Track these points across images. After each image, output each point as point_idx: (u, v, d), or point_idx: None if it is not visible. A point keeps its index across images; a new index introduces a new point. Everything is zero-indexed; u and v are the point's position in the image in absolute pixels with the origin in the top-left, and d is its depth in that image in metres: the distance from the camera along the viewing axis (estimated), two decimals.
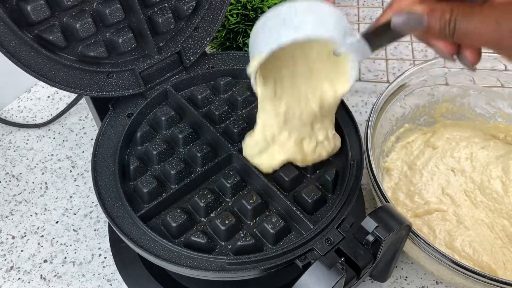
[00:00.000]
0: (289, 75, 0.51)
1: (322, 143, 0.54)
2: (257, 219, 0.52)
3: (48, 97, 0.84)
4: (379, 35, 0.43)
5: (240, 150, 0.55)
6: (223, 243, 0.51)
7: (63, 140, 0.78)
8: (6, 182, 0.74)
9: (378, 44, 0.45)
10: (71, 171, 0.75)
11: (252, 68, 0.47)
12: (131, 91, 0.59)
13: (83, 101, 0.81)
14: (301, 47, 0.49)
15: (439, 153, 0.70)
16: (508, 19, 0.34)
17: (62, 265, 0.65)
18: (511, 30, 0.34)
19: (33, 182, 0.73)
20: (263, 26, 0.46)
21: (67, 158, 0.76)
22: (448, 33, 0.36)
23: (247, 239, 0.49)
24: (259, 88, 0.49)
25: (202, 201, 0.52)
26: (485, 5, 0.35)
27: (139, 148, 0.58)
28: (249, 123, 0.59)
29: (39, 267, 0.65)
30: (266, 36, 0.45)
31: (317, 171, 0.56)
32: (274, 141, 0.53)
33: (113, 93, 0.58)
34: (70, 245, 0.67)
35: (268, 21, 0.45)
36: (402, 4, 0.38)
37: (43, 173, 0.74)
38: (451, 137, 0.72)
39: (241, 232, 0.52)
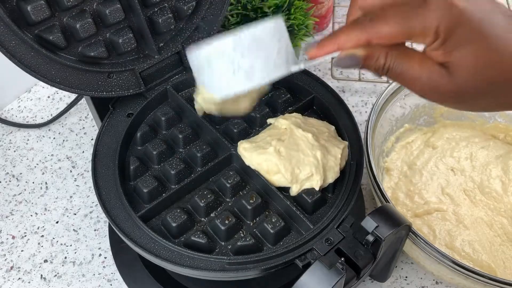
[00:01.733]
0: None
1: (334, 168, 0.54)
2: (257, 219, 0.52)
3: (48, 97, 0.84)
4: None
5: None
6: (223, 243, 0.51)
7: (63, 140, 0.78)
8: (6, 182, 0.74)
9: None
10: (71, 171, 0.75)
11: (204, 105, 0.52)
12: (131, 91, 0.59)
13: (83, 101, 0.81)
14: None
15: (439, 153, 0.70)
16: (428, 77, 0.38)
17: (62, 265, 0.65)
18: (429, 87, 0.39)
19: (33, 182, 0.74)
20: (208, 63, 0.45)
21: (67, 158, 0.76)
22: (381, 73, 0.40)
23: (247, 239, 0.49)
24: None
25: (202, 201, 0.52)
26: (417, 55, 0.39)
27: (139, 148, 0.58)
28: (249, 123, 0.59)
29: (39, 267, 0.65)
30: (215, 78, 0.45)
31: None
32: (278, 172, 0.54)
33: (113, 93, 0.58)
34: (70, 245, 0.67)
35: (213, 60, 0.44)
36: (345, 44, 0.40)
37: (43, 173, 0.74)
38: (451, 137, 0.72)
39: (241, 232, 0.52)
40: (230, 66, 0.43)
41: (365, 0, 0.41)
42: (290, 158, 0.53)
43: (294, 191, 0.52)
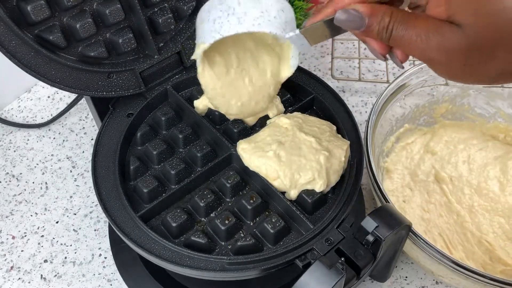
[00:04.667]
0: (236, 57, 0.53)
1: (338, 171, 0.54)
2: (257, 219, 0.52)
3: (48, 97, 0.84)
4: (318, 31, 0.45)
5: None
6: (223, 243, 0.51)
7: (63, 140, 0.79)
8: (6, 182, 0.74)
9: (317, 39, 0.46)
10: (71, 171, 0.75)
11: (197, 55, 0.50)
12: (131, 91, 0.59)
13: (83, 101, 0.81)
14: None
15: (438, 161, 0.70)
16: (436, 34, 0.35)
17: (62, 265, 0.65)
18: (437, 45, 0.35)
19: (33, 182, 0.74)
20: (207, 13, 0.48)
21: (67, 158, 0.76)
22: (385, 37, 0.37)
23: (247, 239, 0.49)
24: (206, 72, 0.51)
25: (202, 201, 0.52)
26: (421, 15, 0.37)
27: (139, 148, 0.58)
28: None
29: (39, 267, 0.65)
30: (210, 25, 0.47)
31: None
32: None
33: (113, 93, 0.58)
34: (70, 245, 0.67)
35: (213, 9, 0.47)
36: (344, 2, 0.39)
37: (43, 173, 0.75)
38: (450, 140, 0.72)
39: (241, 232, 0.52)
40: (225, 13, 0.47)
41: None
42: (291, 163, 0.52)
43: (292, 196, 0.52)
